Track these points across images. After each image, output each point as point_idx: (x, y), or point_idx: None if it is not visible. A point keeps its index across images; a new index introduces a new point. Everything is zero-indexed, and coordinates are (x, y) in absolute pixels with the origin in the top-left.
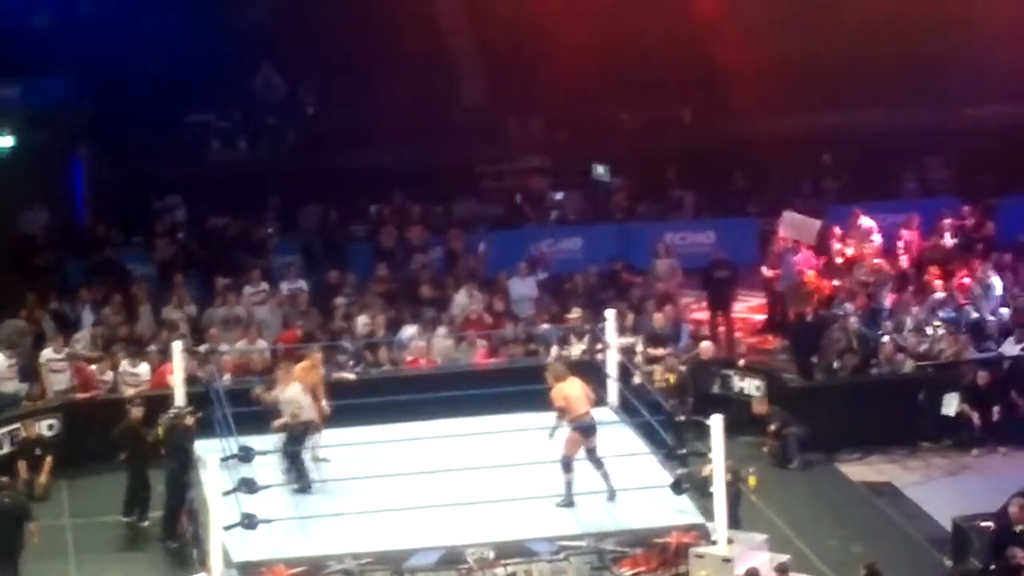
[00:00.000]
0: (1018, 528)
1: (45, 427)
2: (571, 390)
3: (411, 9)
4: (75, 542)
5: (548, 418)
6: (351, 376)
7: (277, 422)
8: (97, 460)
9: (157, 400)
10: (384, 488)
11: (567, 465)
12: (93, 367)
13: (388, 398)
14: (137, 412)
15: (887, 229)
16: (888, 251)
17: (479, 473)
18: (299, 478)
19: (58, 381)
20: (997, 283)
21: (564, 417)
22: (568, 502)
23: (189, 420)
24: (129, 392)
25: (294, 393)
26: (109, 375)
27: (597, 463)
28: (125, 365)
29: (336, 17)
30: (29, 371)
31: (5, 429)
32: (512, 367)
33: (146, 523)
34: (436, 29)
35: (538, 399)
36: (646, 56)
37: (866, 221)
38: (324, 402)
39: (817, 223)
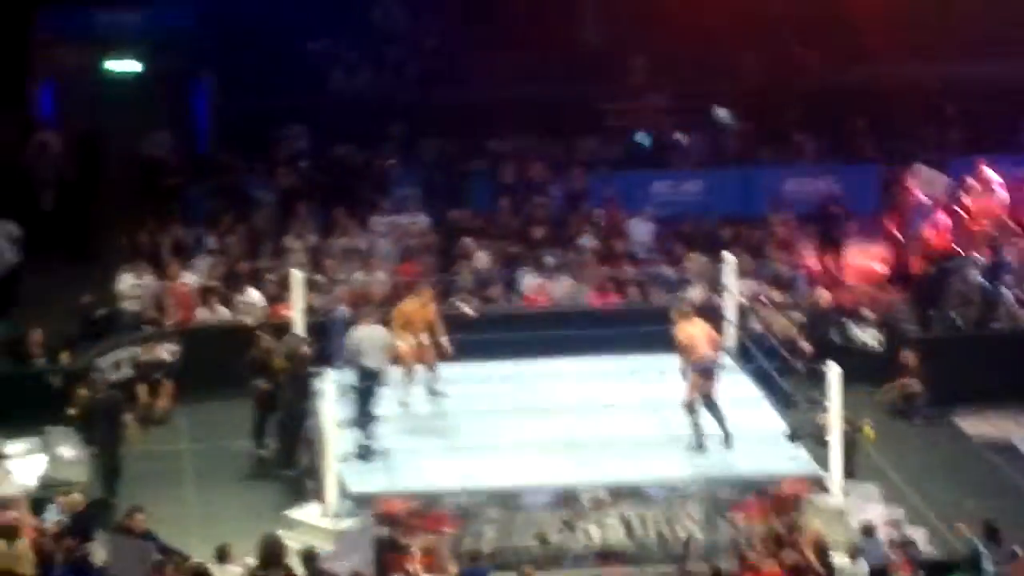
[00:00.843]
0: None
1: (166, 352)
2: (694, 330)
3: None
4: (193, 468)
5: (664, 360)
6: (470, 311)
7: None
8: (217, 386)
9: (276, 329)
10: (501, 425)
11: (691, 408)
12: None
13: (506, 334)
14: (268, 340)
15: (1010, 182)
16: (1013, 204)
17: (595, 414)
18: (361, 434)
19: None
20: None
21: (686, 357)
22: (698, 444)
23: (306, 349)
24: (245, 320)
25: (367, 334)
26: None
27: (713, 408)
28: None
29: None
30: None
31: (126, 353)
32: (629, 308)
33: (265, 451)
34: None
35: (655, 340)
36: None
37: (990, 173)
38: (442, 338)
39: (946, 178)
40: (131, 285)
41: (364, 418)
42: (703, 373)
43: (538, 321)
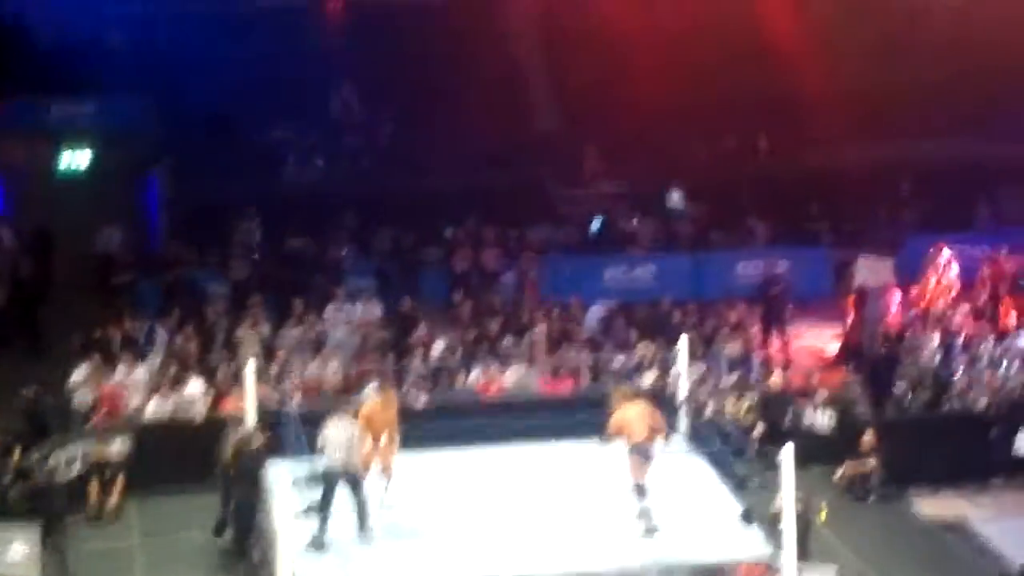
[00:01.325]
0: None
1: (116, 447)
2: (631, 414)
3: (488, 35)
4: (145, 563)
5: (619, 447)
6: (423, 399)
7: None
8: (167, 480)
9: (227, 421)
10: (455, 514)
11: (640, 491)
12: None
13: (459, 423)
14: (260, 437)
15: (967, 261)
16: (966, 284)
17: (549, 501)
18: (317, 528)
19: (128, 400)
20: None
21: (623, 440)
22: (651, 528)
23: (259, 441)
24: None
25: (335, 429)
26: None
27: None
28: (121, 373)
29: (413, 42)
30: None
31: (77, 450)
32: (581, 395)
33: (222, 543)
34: (512, 55)
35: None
36: (723, 83)
37: (946, 255)
38: (395, 444)
39: (890, 264)
40: (82, 380)
41: (323, 511)
42: (640, 454)
43: (491, 409)
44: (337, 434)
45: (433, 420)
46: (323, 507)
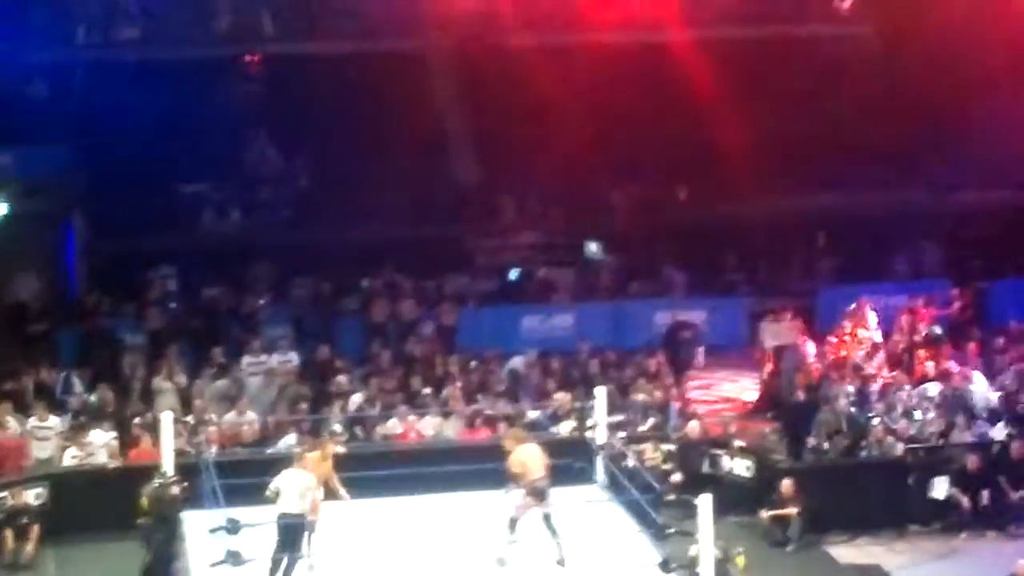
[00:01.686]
0: None
1: (32, 496)
2: (528, 455)
3: (406, 86)
4: None
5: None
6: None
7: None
8: (84, 529)
9: (144, 471)
10: (373, 563)
11: (513, 525)
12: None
13: (375, 472)
14: (177, 486)
15: (880, 311)
16: (883, 333)
17: (466, 550)
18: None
19: (42, 449)
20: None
21: (519, 481)
22: (502, 561)
23: (175, 490)
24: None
25: (290, 478)
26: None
27: (552, 529)
28: (34, 421)
29: (331, 92)
30: None
31: None
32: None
33: None
34: (430, 106)
35: None
36: (640, 135)
37: (864, 306)
38: (341, 490)
39: (793, 322)
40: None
41: (279, 563)
42: (536, 495)
43: (408, 458)
44: (292, 484)
45: (351, 469)
46: (279, 558)
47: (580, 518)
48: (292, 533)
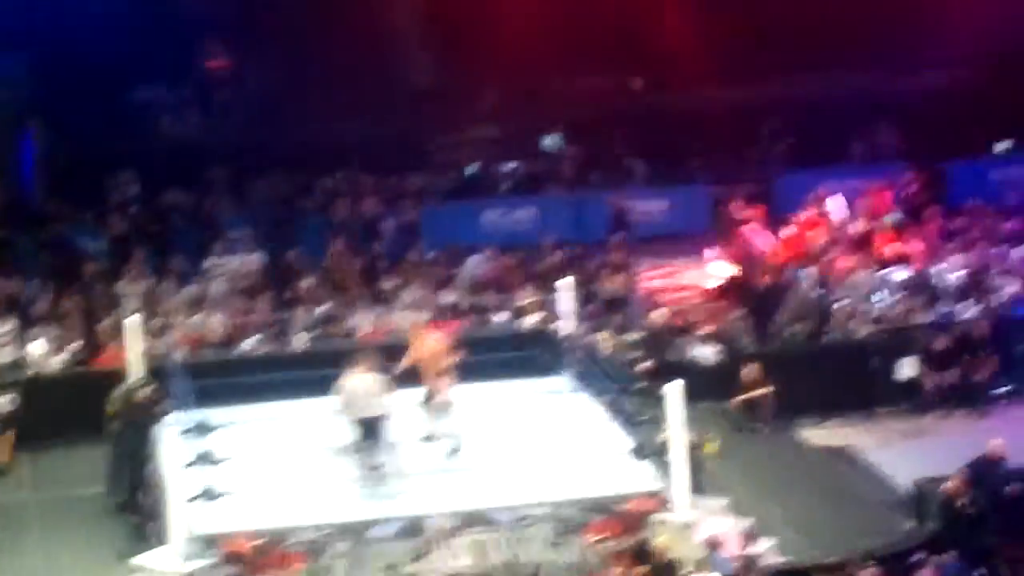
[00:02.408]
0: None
1: (6, 401)
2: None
3: None
4: (36, 517)
5: (507, 387)
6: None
7: None
8: (58, 434)
9: (112, 375)
10: (345, 459)
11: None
12: None
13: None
14: (147, 389)
15: (839, 195)
16: (843, 218)
17: (439, 443)
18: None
19: (2, 355)
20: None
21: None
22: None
23: (143, 393)
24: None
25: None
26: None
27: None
28: None
29: None
30: None
31: None
32: (468, 337)
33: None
34: (385, 2)
35: (492, 368)
36: (595, 25)
37: (826, 191)
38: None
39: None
40: None
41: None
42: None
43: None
44: (356, 387)
45: (316, 367)
46: (361, 447)
47: (550, 409)
48: (366, 430)
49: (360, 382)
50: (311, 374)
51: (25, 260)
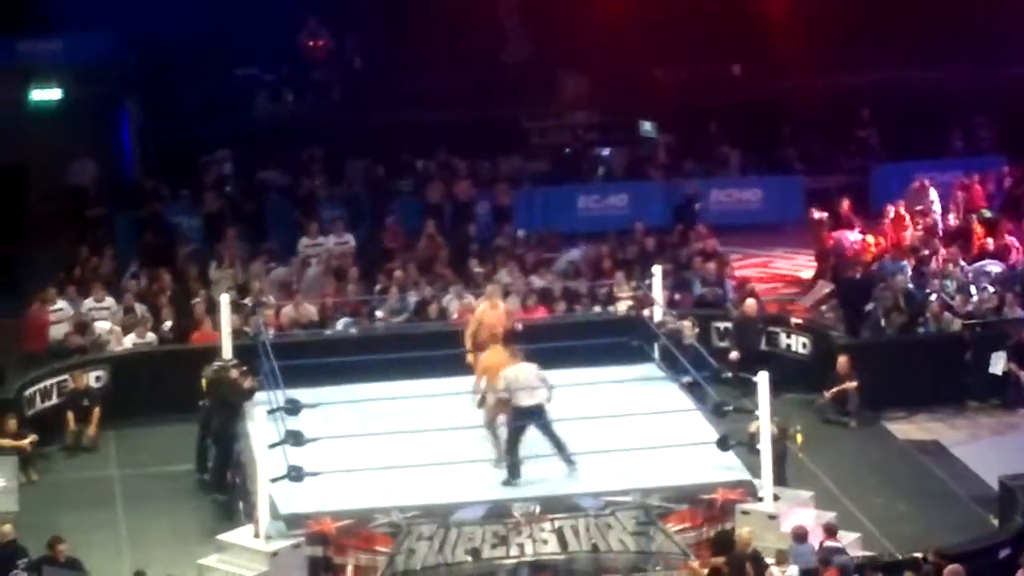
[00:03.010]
0: None
1: (93, 378)
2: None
3: None
4: (123, 493)
5: (596, 374)
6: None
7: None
8: (144, 412)
9: (203, 354)
10: (431, 442)
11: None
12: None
13: (435, 352)
14: (236, 368)
15: (939, 187)
16: (940, 210)
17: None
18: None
19: (100, 331)
20: None
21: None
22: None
23: (233, 373)
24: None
25: (518, 372)
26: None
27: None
28: (90, 302)
29: None
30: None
31: (54, 380)
32: (555, 323)
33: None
34: None
35: (582, 354)
36: (693, 11)
37: (924, 182)
38: None
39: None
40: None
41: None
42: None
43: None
44: (520, 375)
45: (407, 349)
46: (512, 451)
47: (638, 396)
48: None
49: (521, 371)
50: (401, 356)
51: (122, 238)
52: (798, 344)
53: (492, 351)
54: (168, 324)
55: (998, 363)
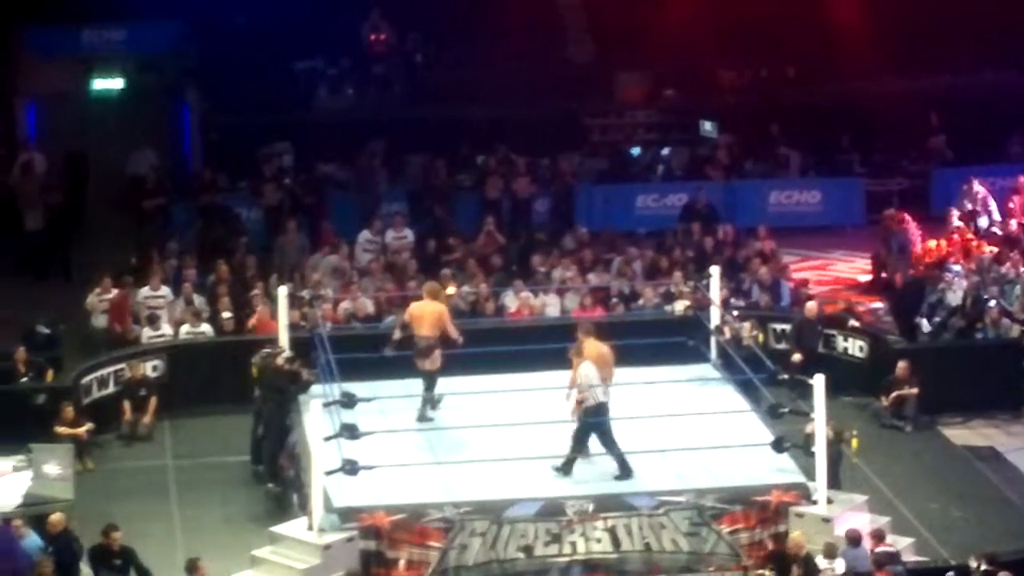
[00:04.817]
0: None
1: (150, 368)
2: (423, 310)
3: None
4: (178, 483)
5: (647, 372)
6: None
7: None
8: (201, 402)
9: (259, 345)
10: (485, 438)
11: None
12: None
13: (491, 349)
14: (282, 359)
15: (995, 193)
16: (998, 215)
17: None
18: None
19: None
20: None
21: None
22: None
23: (281, 360)
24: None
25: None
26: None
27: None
28: (146, 291)
29: None
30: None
31: (110, 369)
32: (611, 321)
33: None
34: None
35: (639, 353)
36: (754, 12)
37: (980, 188)
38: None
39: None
40: (99, 299)
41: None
42: (418, 352)
43: (522, 335)
44: (591, 373)
45: (466, 345)
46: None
47: (693, 396)
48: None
49: (591, 369)
50: (457, 352)
51: (182, 228)
52: (855, 347)
53: (590, 343)
54: (227, 315)
55: None
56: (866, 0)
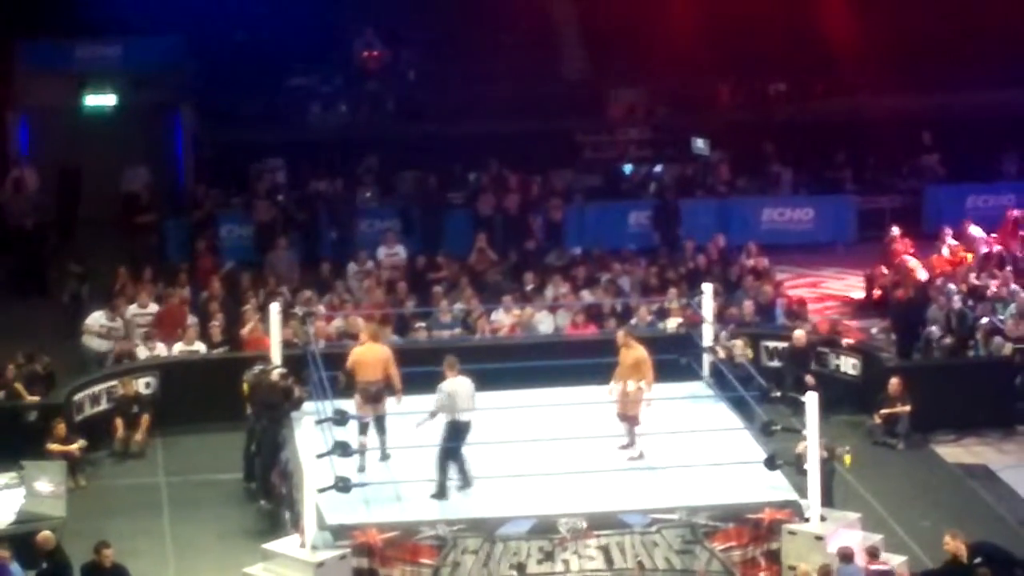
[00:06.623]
0: None
1: (142, 385)
2: (366, 356)
3: None
4: (170, 501)
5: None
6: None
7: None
8: (193, 419)
9: (251, 362)
10: (477, 456)
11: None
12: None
13: (481, 366)
14: (275, 376)
15: (986, 211)
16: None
17: (573, 443)
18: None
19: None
20: None
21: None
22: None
23: (274, 376)
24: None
25: (456, 386)
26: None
27: (381, 429)
28: (135, 308)
29: None
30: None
31: (103, 386)
32: (604, 338)
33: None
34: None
35: None
36: (748, 30)
37: (975, 231)
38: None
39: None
40: (100, 323)
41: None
42: (367, 398)
43: (514, 352)
44: (463, 388)
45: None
46: (454, 457)
47: (685, 414)
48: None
49: (464, 385)
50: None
51: (173, 244)
52: (847, 365)
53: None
54: (217, 332)
55: None
56: (860, 18)
